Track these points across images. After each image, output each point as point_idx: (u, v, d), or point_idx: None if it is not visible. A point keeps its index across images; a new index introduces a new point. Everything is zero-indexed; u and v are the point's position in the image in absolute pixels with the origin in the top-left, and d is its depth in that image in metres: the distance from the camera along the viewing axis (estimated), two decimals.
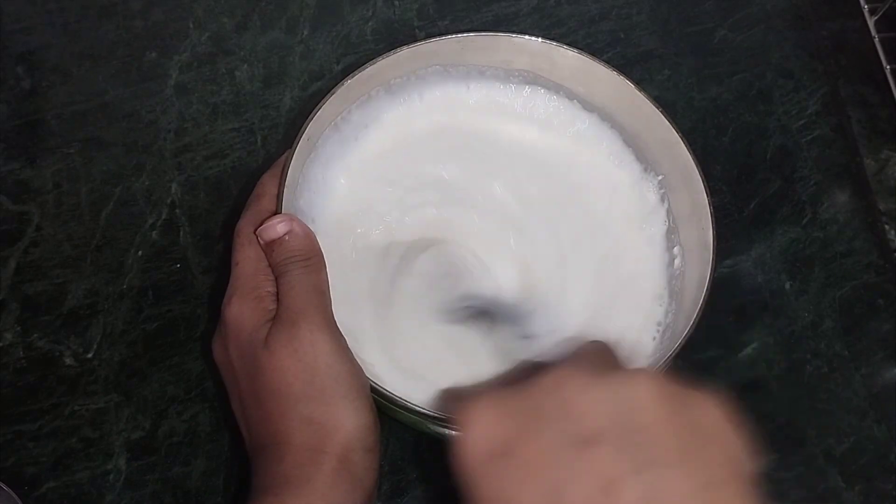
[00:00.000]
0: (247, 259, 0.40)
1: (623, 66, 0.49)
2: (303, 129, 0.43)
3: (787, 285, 0.53)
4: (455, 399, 0.40)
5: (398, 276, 0.45)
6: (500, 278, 0.45)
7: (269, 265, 0.40)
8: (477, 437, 0.29)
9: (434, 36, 0.46)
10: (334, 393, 0.36)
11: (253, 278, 0.39)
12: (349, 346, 0.39)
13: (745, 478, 0.27)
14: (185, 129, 0.55)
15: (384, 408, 0.40)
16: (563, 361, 0.30)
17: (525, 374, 0.31)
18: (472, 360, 0.43)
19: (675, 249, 0.46)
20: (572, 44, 0.47)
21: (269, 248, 0.40)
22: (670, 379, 0.28)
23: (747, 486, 0.27)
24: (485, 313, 0.44)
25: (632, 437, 0.27)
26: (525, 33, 0.47)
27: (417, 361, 0.43)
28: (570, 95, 0.49)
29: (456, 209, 0.47)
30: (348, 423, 0.36)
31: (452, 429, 0.31)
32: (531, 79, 0.49)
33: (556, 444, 0.27)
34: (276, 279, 0.39)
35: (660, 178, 0.47)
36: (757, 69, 0.59)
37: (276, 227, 0.40)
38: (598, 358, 0.31)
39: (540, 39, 0.47)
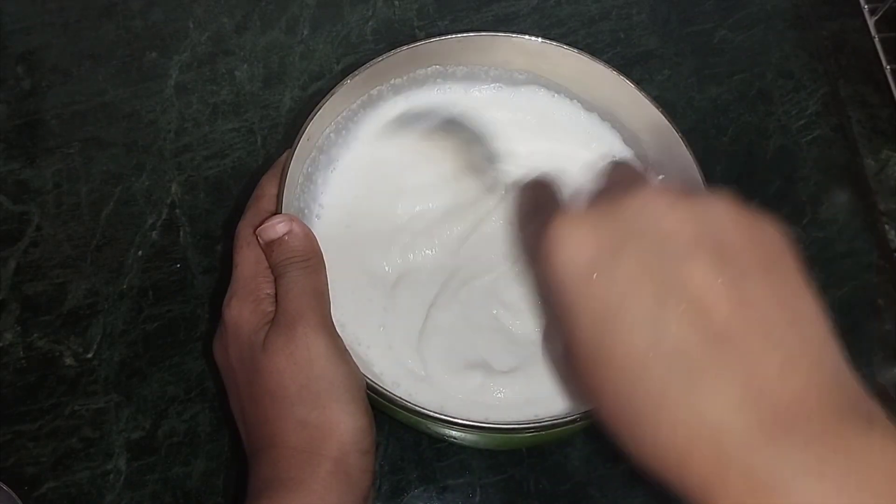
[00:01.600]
0: (246, 261, 0.40)
1: (623, 66, 0.49)
2: (303, 129, 0.43)
3: None
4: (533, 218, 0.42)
5: (400, 275, 0.45)
6: (501, 270, 0.45)
7: (269, 266, 0.40)
8: (574, 253, 0.30)
9: (434, 36, 0.46)
10: (329, 396, 0.36)
11: (252, 280, 0.39)
12: (349, 346, 0.39)
13: (814, 292, 0.29)
14: (185, 129, 0.55)
15: (384, 408, 0.40)
16: (645, 186, 0.31)
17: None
18: (473, 359, 0.43)
19: None
20: (572, 44, 0.47)
21: (269, 248, 0.40)
22: (740, 203, 0.30)
23: (817, 299, 0.29)
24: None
25: (718, 252, 0.28)
26: (525, 33, 0.47)
27: (419, 361, 0.43)
28: (570, 95, 0.49)
29: (456, 209, 0.47)
30: (343, 426, 0.36)
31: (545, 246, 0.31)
32: (531, 79, 0.49)
33: (657, 256, 0.29)
34: (276, 280, 0.39)
35: (660, 178, 0.47)
36: (757, 69, 0.59)
37: (276, 227, 0.40)
38: (672, 187, 0.32)
39: (540, 39, 0.47)
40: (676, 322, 0.28)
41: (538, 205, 0.45)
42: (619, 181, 0.34)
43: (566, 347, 0.33)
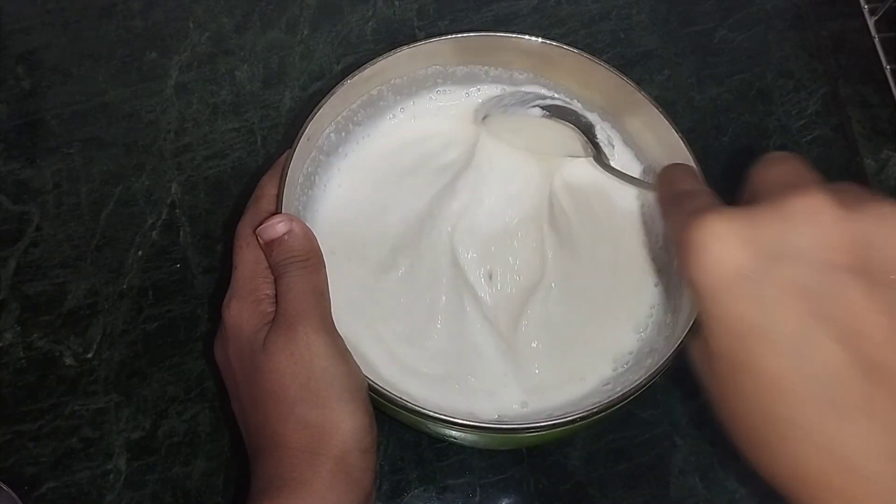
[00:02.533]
0: (246, 261, 0.40)
1: (623, 66, 0.49)
2: (303, 129, 0.43)
3: None
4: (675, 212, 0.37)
5: (402, 275, 0.45)
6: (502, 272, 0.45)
7: (269, 265, 0.40)
8: (725, 256, 0.28)
9: (434, 36, 0.46)
10: (330, 395, 0.36)
11: (251, 281, 0.39)
12: (350, 346, 0.39)
13: None
14: (185, 129, 0.55)
15: (384, 408, 0.40)
16: (813, 188, 0.29)
17: None
18: (474, 357, 0.43)
19: (675, 249, 0.46)
20: (572, 44, 0.47)
21: (269, 247, 0.40)
22: None
23: None
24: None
25: (883, 277, 0.27)
26: (525, 33, 0.47)
27: (420, 361, 0.43)
28: (570, 95, 0.49)
29: (456, 209, 0.47)
30: (344, 426, 0.36)
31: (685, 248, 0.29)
32: (531, 79, 0.49)
33: (814, 275, 0.27)
34: (275, 280, 0.39)
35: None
36: (757, 69, 0.59)
37: (276, 227, 0.40)
38: (845, 191, 0.30)
39: (540, 39, 0.47)
40: (830, 348, 0.26)
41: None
42: (780, 178, 0.31)
43: (696, 352, 0.31)
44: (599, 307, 0.45)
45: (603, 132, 0.46)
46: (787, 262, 0.27)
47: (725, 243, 0.28)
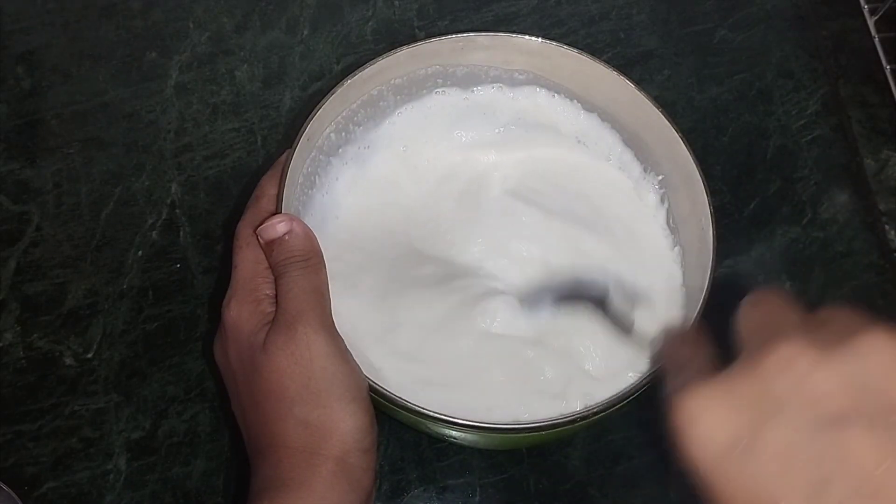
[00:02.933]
0: (245, 261, 0.40)
1: (623, 66, 0.49)
2: (303, 129, 0.43)
3: (787, 285, 0.53)
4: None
5: (403, 276, 0.45)
6: (512, 274, 0.45)
7: (269, 265, 0.40)
8: (711, 430, 0.27)
9: (434, 36, 0.46)
10: (330, 395, 0.36)
11: (251, 281, 0.39)
12: (349, 345, 0.39)
13: None
14: (185, 129, 0.55)
15: (384, 408, 0.40)
16: (781, 338, 0.27)
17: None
18: (475, 357, 0.43)
19: (675, 249, 0.46)
20: (572, 44, 0.47)
21: (269, 247, 0.40)
22: None
23: None
24: (568, 296, 0.43)
25: (881, 416, 0.25)
26: (525, 33, 0.47)
27: (421, 360, 0.43)
28: (570, 95, 0.49)
29: (456, 210, 0.47)
30: (344, 426, 0.36)
31: (676, 432, 0.28)
32: (531, 79, 0.49)
33: (801, 430, 0.25)
34: (276, 280, 0.39)
35: (660, 178, 0.47)
36: (757, 69, 0.59)
37: (276, 227, 0.40)
38: (814, 328, 0.28)
39: (540, 39, 0.47)
40: None
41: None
42: (759, 325, 0.29)
43: None
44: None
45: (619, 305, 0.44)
46: (776, 424, 0.26)
47: (712, 418, 0.27)
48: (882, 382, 0.25)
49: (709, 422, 0.27)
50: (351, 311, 0.42)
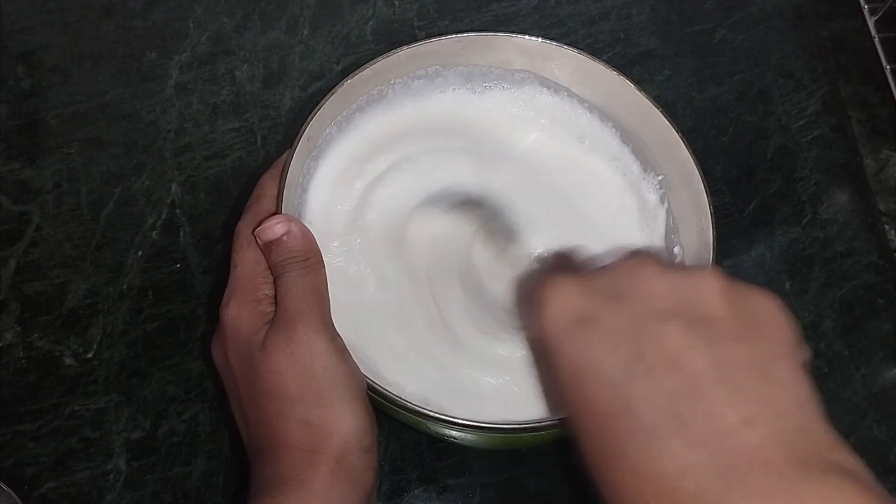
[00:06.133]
0: (245, 261, 0.40)
1: (623, 66, 0.49)
2: (303, 129, 0.43)
3: (787, 285, 0.53)
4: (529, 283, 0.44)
5: (403, 276, 0.45)
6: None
7: (268, 266, 0.40)
8: (562, 306, 0.32)
9: (434, 36, 0.46)
10: (330, 395, 0.36)
11: (251, 281, 0.39)
12: (349, 345, 0.39)
13: (798, 357, 0.30)
14: (185, 129, 0.55)
15: (384, 407, 0.40)
16: (636, 254, 0.33)
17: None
18: (474, 358, 0.43)
19: (676, 249, 0.46)
20: (572, 44, 0.47)
21: (268, 248, 0.40)
22: (730, 277, 0.31)
23: (801, 364, 0.30)
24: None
25: (699, 319, 0.30)
26: (525, 33, 0.47)
27: (422, 361, 0.43)
28: (571, 95, 0.49)
29: (457, 210, 0.47)
30: (345, 425, 0.36)
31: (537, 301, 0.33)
32: (531, 79, 0.49)
33: (635, 316, 0.31)
34: (275, 280, 0.39)
35: (660, 178, 0.47)
36: (757, 69, 0.59)
37: (275, 228, 0.40)
38: (663, 259, 0.34)
39: (540, 39, 0.47)
40: (645, 378, 0.29)
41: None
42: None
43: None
44: None
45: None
46: (613, 308, 0.31)
47: (563, 298, 0.32)
48: (704, 300, 0.30)
49: (564, 298, 0.32)
50: (345, 307, 0.42)
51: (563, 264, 0.45)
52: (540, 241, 0.46)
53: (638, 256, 0.33)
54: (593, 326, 0.31)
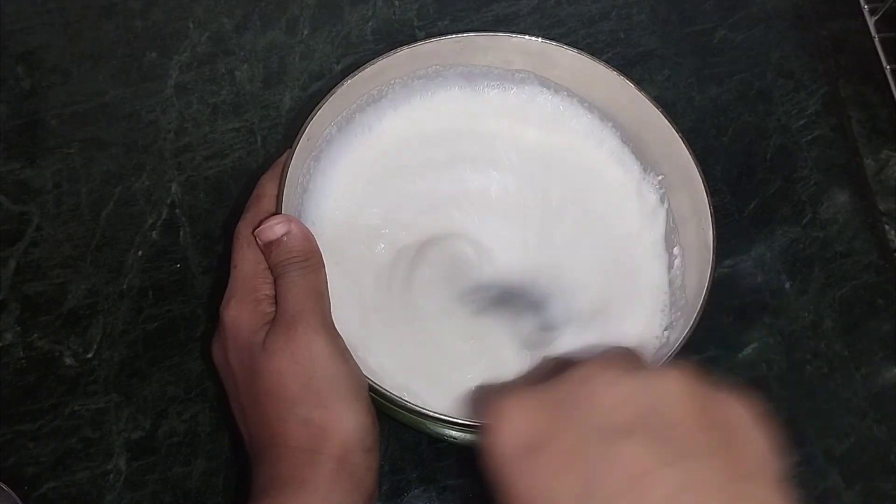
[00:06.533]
0: (245, 261, 0.40)
1: (623, 66, 0.49)
2: (303, 129, 0.43)
3: (787, 285, 0.53)
4: (477, 399, 0.41)
5: (403, 276, 0.45)
6: (506, 274, 0.45)
7: (268, 266, 0.40)
8: (510, 432, 0.29)
9: (434, 36, 0.46)
10: (331, 395, 0.36)
11: (251, 281, 0.39)
12: (349, 346, 0.39)
13: (773, 473, 0.28)
14: (185, 129, 0.55)
15: (384, 408, 0.40)
16: (592, 358, 0.30)
17: (549, 372, 0.31)
18: (473, 358, 0.43)
19: (676, 249, 0.46)
20: (572, 44, 0.47)
21: (268, 249, 0.40)
22: (699, 377, 0.29)
23: (775, 481, 0.27)
24: (505, 300, 0.43)
25: (661, 432, 0.27)
26: (525, 33, 0.47)
27: (423, 362, 0.43)
28: (571, 95, 0.49)
29: (457, 210, 0.47)
30: (346, 425, 0.36)
31: (481, 428, 0.31)
32: (531, 79, 0.49)
33: (586, 436, 0.28)
34: (275, 280, 0.39)
35: (660, 178, 0.47)
36: (757, 69, 0.59)
37: (275, 228, 0.40)
38: (625, 358, 0.31)
39: (540, 39, 0.47)
40: None
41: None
42: (606, 355, 0.32)
43: None
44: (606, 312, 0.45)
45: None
46: (565, 429, 0.28)
47: (511, 421, 0.29)
48: (668, 406, 0.27)
49: (511, 423, 0.29)
50: (345, 307, 0.42)
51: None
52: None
53: (598, 360, 0.30)
54: (541, 453, 0.28)
